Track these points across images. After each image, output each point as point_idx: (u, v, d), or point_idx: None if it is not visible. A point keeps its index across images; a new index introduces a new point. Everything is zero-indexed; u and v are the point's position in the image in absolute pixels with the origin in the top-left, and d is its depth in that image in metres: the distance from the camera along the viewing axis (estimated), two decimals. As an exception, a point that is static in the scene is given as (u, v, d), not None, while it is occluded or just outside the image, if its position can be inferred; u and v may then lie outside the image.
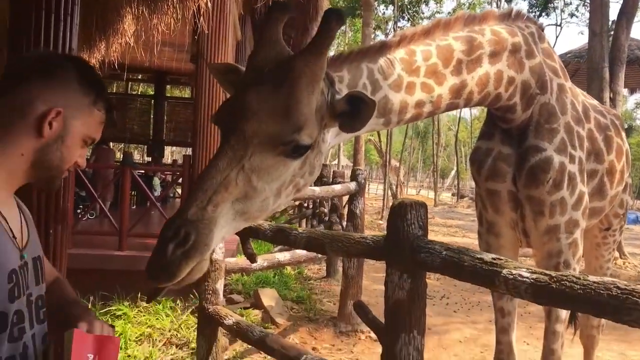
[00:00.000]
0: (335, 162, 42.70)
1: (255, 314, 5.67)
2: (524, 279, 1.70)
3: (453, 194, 40.29)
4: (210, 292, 3.63)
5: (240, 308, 5.71)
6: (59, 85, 1.31)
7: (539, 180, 2.35)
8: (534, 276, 1.69)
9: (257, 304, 5.86)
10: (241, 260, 4.04)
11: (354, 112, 1.66)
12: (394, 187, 30.49)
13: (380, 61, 1.92)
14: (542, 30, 2.48)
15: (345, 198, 6.46)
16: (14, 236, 1.27)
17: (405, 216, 2.17)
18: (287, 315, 5.84)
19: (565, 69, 2.68)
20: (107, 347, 1.39)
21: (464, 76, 2.12)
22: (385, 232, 2.26)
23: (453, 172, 49.30)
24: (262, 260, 4.36)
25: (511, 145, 2.45)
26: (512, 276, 1.74)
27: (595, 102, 3.10)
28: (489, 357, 5.34)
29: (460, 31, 2.17)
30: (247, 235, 3.33)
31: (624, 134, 3.08)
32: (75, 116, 1.32)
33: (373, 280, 7.81)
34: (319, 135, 1.70)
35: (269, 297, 5.89)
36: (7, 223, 1.26)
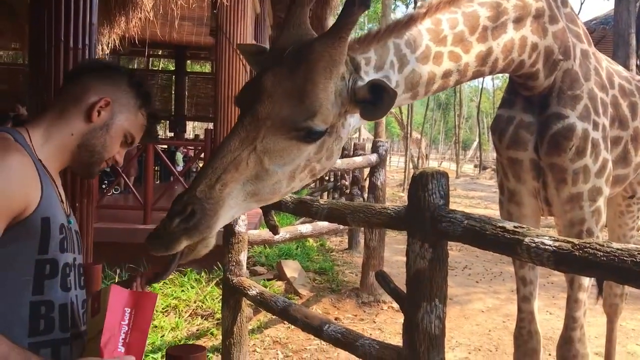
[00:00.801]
0: (357, 134, 42.59)
1: (279, 285, 5.76)
2: (547, 247, 1.70)
3: (475, 166, 39.98)
4: (234, 263, 3.68)
5: (264, 279, 5.79)
6: (112, 82, 1.50)
7: (562, 147, 2.33)
8: (557, 244, 1.68)
9: (281, 276, 5.94)
10: (264, 232, 4.08)
11: (376, 100, 1.64)
12: (416, 159, 30.37)
13: (406, 35, 1.88)
14: (566, -7, 2.43)
15: (366, 171, 6.46)
16: (62, 201, 1.44)
17: (426, 186, 2.16)
18: (310, 287, 5.91)
19: (590, 36, 2.62)
20: (144, 302, 1.43)
21: (489, 43, 2.08)
22: (407, 203, 2.26)
23: (475, 144, 48.80)
24: (284, 232, 4.40)
25: (533, 113, 2.42)
26: (534, 244, 1.73)
27: (620, 68, 3.03)
28: (511, 326, 5.35)
29: None
30: (269, 207, 3.36)
31: None
32: (121, 111, 1.50)
33: (394, 252, 7.86)
34: (338, 121, 1.69)
35: (291, 268, 5.96)
36: (58, 189, 1.43)
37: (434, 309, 2.22)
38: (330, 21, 11.06)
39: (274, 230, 3.38)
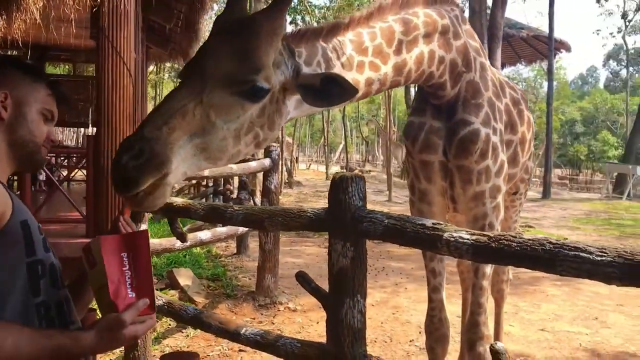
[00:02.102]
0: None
1: (172, 294, 5.64)
2: (465, 240, 1.88)
3: (342, 167, 41.28)
4: (137, 274, 3.59)
5: (156, 289, 5.63)
6: (0, 74, 1.46)
7: (468, 150, 2.57)
8: (474, 237, 1.87)
9: (173, 284, 5.81)
10: (164, 241, 4.01)
11: (325, 91, 1.77)
12: (289, 162, 30.80)
13: (333, 41, 2.04)
14: (463, 13, 2.69)
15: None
16: None
17: (346, 189, 2.28)
18: (205, 293, 5.85)
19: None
20: (138, 242, 1.40)
21: (404, 55, 2.28)
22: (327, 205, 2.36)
23: (341, 146, 50.41)
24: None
25: (441, 120, 2.65)
26: (453, 239, 1.91)
27: (506, 78, 3.39)
28: (400, 317, 5.70)
29: (397, 14, 2.33)
30: (175, 215, 3.31)
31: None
32: (23, 94, 1.46)
33: (283, 254, 7.97)
34: (279, 94, 1.81)
35: (184, 276, 5.86)
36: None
37: (356, 304, 2.34)
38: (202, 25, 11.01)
39: (182, 237, 3.34)
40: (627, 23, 39.24)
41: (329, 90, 1.78)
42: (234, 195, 8.50)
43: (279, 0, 1.73)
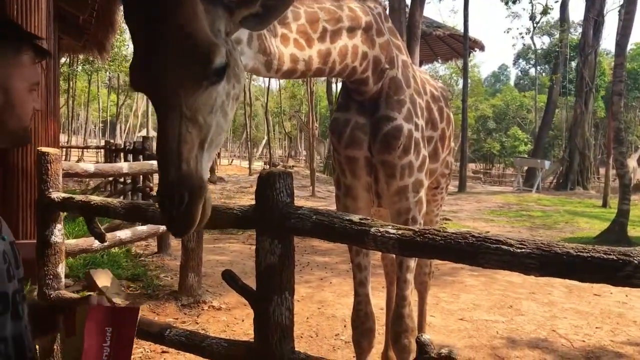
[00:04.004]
0: (142, 132, 41.15)
1: (90, 297, 5.40)
2: (391, 235, 1.91)
3: (265, 163, 41.25)
4: (52, 277, 3.41)
5: (73, 292, 5.38)
6: None
7: (392, 146, 2.62)
8: (400, 232, 1.91)
9: (91, 286, 5.57)
10: (81, 242, 3.84)
11: (264, 10, 1.78)
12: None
13: None
14: (385, 11, 2.73)
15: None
16: None
17: (274, 185, 2.26)
18: (125, 295, 5.65)
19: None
20: (126, 318, 1.32)
21: (328, 44, 2.31)
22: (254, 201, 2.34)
23: (264, 141, 50.36)
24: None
25: (365, 116, 2.68)
26: (379, 234, 1.94)
27: (427, 76, 3.48)
28: (326, 311, 5.75)
29: (323, 3, 2.33)
30: (93, 214, 3.17)
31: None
32: (7, 75, 1.26)
33: (207, 252, 7.83)
34: (229, 47, 1.76)
35: (103, 277, 5.63)
36: None
37: (284, 301, 2.33)
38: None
39: (101, 238, 3.20)
40: (535, 25, 41.40)
41: (268, 8, 1.78)
42: (154, 193, 8.24)
43: None
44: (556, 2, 31.31)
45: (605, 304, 6.43)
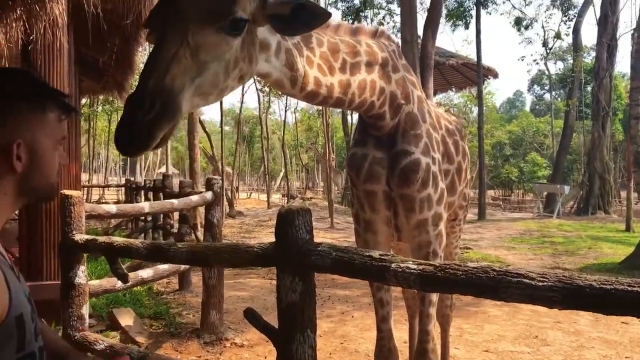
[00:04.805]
0: (162, 169, 41.62)
1: (113, 336, 5.41)
2: (412, 271, 1.92)
3: (283, 195, 41.33)
4: (76, 318, 3.45)
5: (96, 332, 5.40)
6: (2, 115, 1.22)
7: (410, 179, 2.64)
8: (421, 267, 1.91)
9: (114, 325, 5.60)
10: (104, 282, 3.87)
11: (293, 18, 1.84)
12: (229, 192, 30.55)
13: None
14: (399, 48, 2.79)
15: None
16: (12, 268, 1.24)
17: (293, 222, 2.29)
18: (147, 333, 5.66)
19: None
20: None
21: (348, 76, 2.38)
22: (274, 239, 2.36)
23: (282, 174, 50.57)
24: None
25: (383, 150, 2.71)
26: (400, 269, 1.95)
27: (441, 110, 3.52)
28: (348, 346, 5.69)
29: (344, 37, 2.40)
30: (116, 255, 3.22)
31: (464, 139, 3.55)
32: (36, 135, 1.26)
33: (228, 288, 7.83)
34: (251, 25, 1.83)
35: (125, 316, 5.66)
36: (5, 258, 1.24)
37: (307, 339, 2.33)
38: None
39: (124, 278, 3.24)
40: (548, 50, 41.50)
41: (300, 17, 1.84)
42: (175, 230, 8.30)
43: None
44: (568, 28, 31.44)
45: (634, 332, 6.28)
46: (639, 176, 12.09)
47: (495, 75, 22.90)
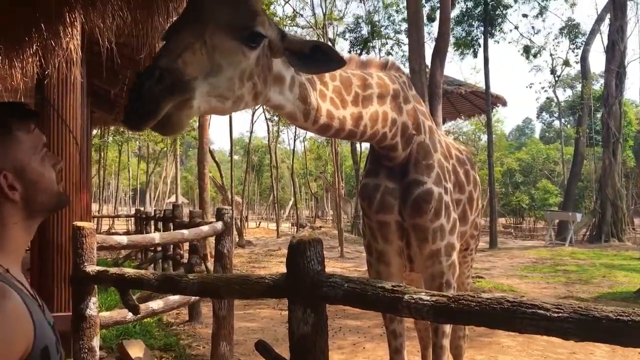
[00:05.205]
0: (172, 199, 41.81)
1: (123, 369, 5.38)
2: (425, 302, 1.90)
3: (292, 224, 41.26)
4: (86, 350, 3.43)
5: (106, 364, 5.38)
6: None
7: (423, 210, 2.64)
8: (434, 299, 1.89)
9: (123, 357, 5.55)
10: (115, 314, 3.86)
11: (311, 58, 1.89)
12: (239, 222, 30.57)
13: None
14: (409, 79, 2.82)
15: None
16: (35, 298, 1.23)
17: (304, 253, 2.28)
18: (157, 365, 5.62)
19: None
20: None
21: (360, 108, 2.39)
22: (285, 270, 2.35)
23: (291, 203, 50.60)
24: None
25: (395, 181, 2.72)
26: (413, 300, 1.93)
27: (451, 139, 3.53)
28: (360, 379, 5.61)
29: (354, 70, 2.43)
30: (127, 286, 3.22)
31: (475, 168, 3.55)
32: (17, 158, 1.22)
33: (237, 319, 7.78)
34: (268, 51, 1.88)
35: (136, 348, 5.62)
36: (29, 290, 1.22)
37: (319, 371, 2.31)
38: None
39: (135, 310, 3.24)
40: (556, 78, 41.67)
41: (316, 57, 1.89)
42: (185, 260, 8.30)
43: None
44: (576, 56, 31.59)
45: (651, 363, 6.15)
46: (652, 203, 11.95)
47: (504, 103, 22.95)
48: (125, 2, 4.39)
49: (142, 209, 25.89)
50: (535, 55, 34.18)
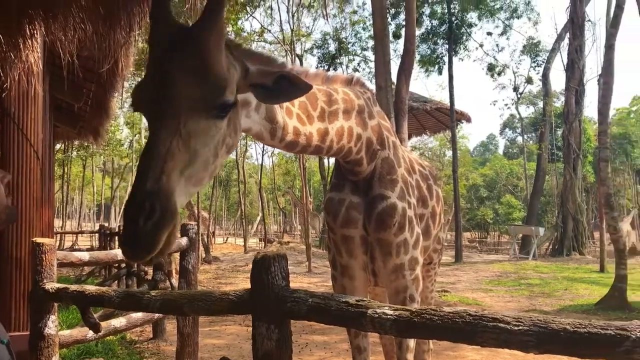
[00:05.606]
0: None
1: (83, 389, 5.24)
2: (388, 317, 1.91)
3: (260, 239, 40.98)
4: (44, 371, 3.33)
5: (66, 385, 5.22)
6: None
7: (387, 224, 2.66)
8: (397, 313, 1.91)
9: (84, 378, 5.41)
10: (75, 332, 3.76)
11: (276, 88, 1.86)
12: (206, 238, 30.22)
13: None
14: (374, 95, 2.85)
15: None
16: None
17: (269, 268, 2.27)
18: (119, 385, 5.48)
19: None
20: None
21: (326, 124, 2.40)
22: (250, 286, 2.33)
23: (259, 218, 50.34)
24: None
25: (359, 195, 2.74)
26: (377, 315, 1.94)
27: (416, 154, 3.58)
28: (327, 395, 5.57)
29: (321, 85, 2.44)
30: (87, 304, 3.14)
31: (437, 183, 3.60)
32: None
33: (204, 335, 7.67)
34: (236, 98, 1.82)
35: (97, 367, 5.48)
36: None
37: (283, 388, 2.29)
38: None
39: (96, 328, 3.16)
40: (519, 95, 42.66)
41: (281, 87, 1.86)
42: (149, 277, 8.15)
43: (214, 5, 1.69)
44: (537, 74, 32.41)
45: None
46: (610, 218, 12.29)
47: (468, 120, 23.36)
48: (87, 15, 4.33)
49: (106, 224, 25.35)
50: (499, 74, 35.00)
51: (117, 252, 4.62)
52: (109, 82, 8.98)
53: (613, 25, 12.58)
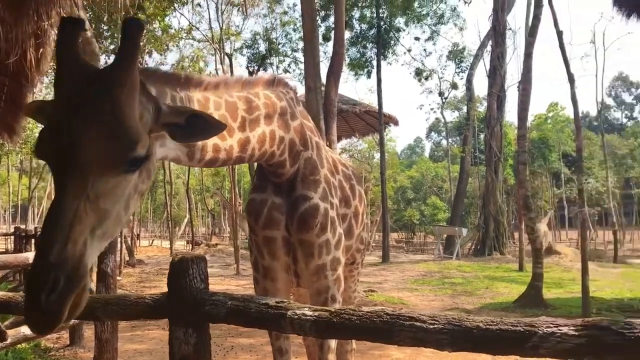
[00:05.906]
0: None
1: (-9, 401, 4.93)
2: (308, 317, 1.90)
3: (187, 242, 40.19)
4: (-56, 384, 3.10)
5: (-29, 397, 4.89)
6: None
7: (309, 224, 2.65)
8: (317, 314, 1.89)
9: (-8, 389, 5.10)
10: (-20, 341, 3.52)
11: (190, 127, 1.78)
12: (129, 240, 29.33)
13: (182, 93, 2.02)
14: (297, 95, 2.83)
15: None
16: None
17: (187, 271, 2.21)
18: (31, 396, 5.19)
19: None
20: None
21: (247, 133, 2.35)
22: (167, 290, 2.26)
23: (186, 220, 49.41)
24: (2, 337, 3.84)
25: (282, 196, 2.71)
26: (296, 316, 1.92)
27: (337, 155, 3.59)
28: (252, 398, 5.50)
29: (240, 92, 2.38)
30: (-8, 311, 2.95)
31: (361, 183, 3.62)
32: None
33: (125, 341, 7.41)
34: (149, 143, 1.72)
35: (6, 378, 5.17)
36: None
37: (201, 393, 2.23)
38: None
39: (2, 336, 2.97)
40: (444, 100, 44.03)
41: (195, 126, 1.78)
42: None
43: (128, 52, 1.57)
44: (461, 79, 33.54)
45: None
46: (528, 219, 12.87)
47: (396, 123, 23.83)
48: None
49: (22, 226, 24.10)
50: (427, 78, 35.97)
51: (28, 255, 4.38)
52: (23, 76, 8.53)
53: (531, 34, 13.17)
